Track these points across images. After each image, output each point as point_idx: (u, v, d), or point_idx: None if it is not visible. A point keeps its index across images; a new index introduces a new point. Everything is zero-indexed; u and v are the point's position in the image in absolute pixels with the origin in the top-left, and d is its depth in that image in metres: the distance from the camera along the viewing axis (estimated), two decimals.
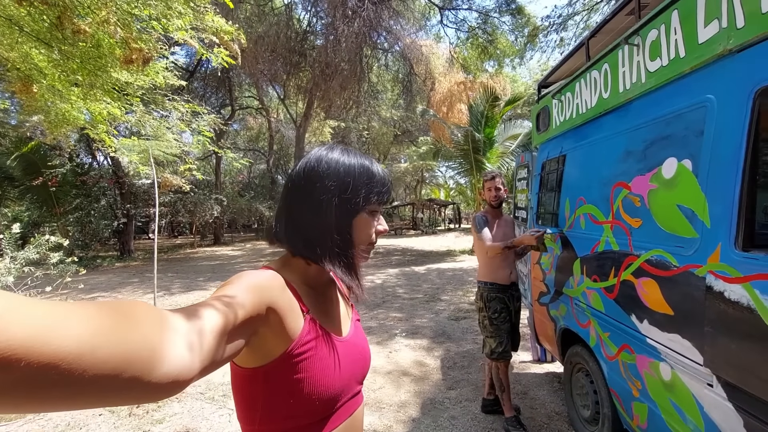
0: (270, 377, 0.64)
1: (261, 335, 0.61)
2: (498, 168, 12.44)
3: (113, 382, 0.34)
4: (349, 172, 0.73)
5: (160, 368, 0.38)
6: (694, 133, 1.53)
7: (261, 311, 0.59)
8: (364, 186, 0.74)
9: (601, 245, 2.18)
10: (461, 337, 4.68)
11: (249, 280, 0.61)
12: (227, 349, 0.51)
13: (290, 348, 0.65)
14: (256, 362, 0.64)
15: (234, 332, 0.52)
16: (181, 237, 26.23)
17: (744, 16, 1.29)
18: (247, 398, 0.68)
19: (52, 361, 0.30)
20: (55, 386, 0.31)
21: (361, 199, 0.73)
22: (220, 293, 0.56)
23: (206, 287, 8.52)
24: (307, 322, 0.69)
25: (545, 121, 3.19)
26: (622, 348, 1.99)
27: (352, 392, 0.76)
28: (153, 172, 5.58)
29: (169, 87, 5.15)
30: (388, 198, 0.78)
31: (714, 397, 1.37)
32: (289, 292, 0.68)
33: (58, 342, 0.31)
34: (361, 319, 0.93)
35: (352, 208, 0.73)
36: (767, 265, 1.16)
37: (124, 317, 0.38)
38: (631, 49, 1.96)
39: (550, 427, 2.69)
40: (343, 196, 0.72)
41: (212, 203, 16.89)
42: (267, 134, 23.48)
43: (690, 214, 1.51)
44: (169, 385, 0.40)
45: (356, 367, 0.78)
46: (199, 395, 3.34)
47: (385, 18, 12.28)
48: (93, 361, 0.33)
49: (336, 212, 0.72)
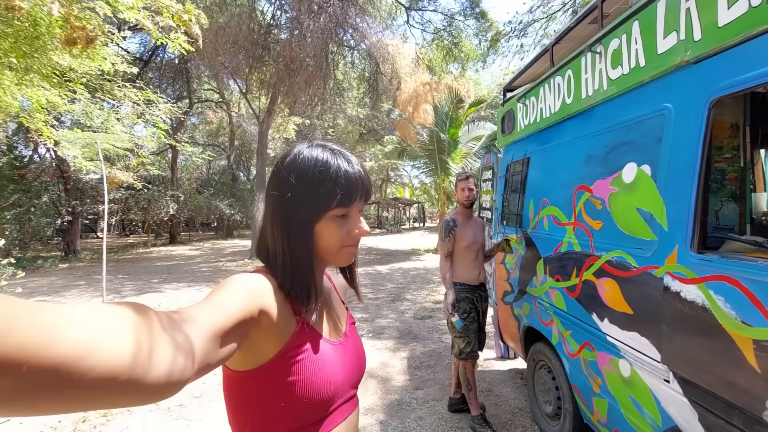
0: (262, 380, 0.64)
1: (253, 338, 0.60)
2: (462, 168, 12.71)
3: (111, 385, 0.35)
4: (300, 176, 0.67)
5: (156, 371, 0.39)
6: (653, 140, 1.60)
7: (253, 314, 0.58)
8: (319, 190, 0.67)
9: (564, 246, 2.24)
10: (427, 336, 4.72)
11: (241, 282, 0.61)
12: (221, 351, 0.51)
13: (282, 351, 0.64)
14: (247, 365, 0.64)
15: (227, 334, 0.52)
16: (134, 236, 24.78)
17: (701, 29, 1.35)
18: (238, 402, 0.67)
19: (52, 366, 0.30)
20: (54, 390, 0.31)
21: (315, 206, 0.68)
22: (212, 296, 0.56)
23: (161, 289, 8.06)
24: (300, 325, 0.68)
25: (510, 124, 3.26)
26: (584, 345, 2.06)
27: (345, 396, 0.74)
28: (102, 166, 5.19)
29: (119, 75, 4.79)
30: (354, 199, 0.70)
31: (670, 393, 1.44)
32: (281, 294, 0.66)
33: (57, 347, 0.31)
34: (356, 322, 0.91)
35: (309, 216, 0.68)
36: (721, 267, 1.23)
37: (122, 320, 0.38)
38: (593, 56, 2.03)
39: (513, 423, 2.75)
40: (294, 205, 0.67)
41: (168, 200, 16.04)
42: (228, 129, 22.60)
43: (649, 217, 1.58)
44: (164, 387, 0.40)
45: (350, 371, 0.76)
46: (153, 406, 3.13)
47: (351, 15, 12.14)
48: (92, 365, 0.33)
49: (287, 223, 0.68)
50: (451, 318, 2.61)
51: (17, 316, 0.30)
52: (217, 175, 23.44)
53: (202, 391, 3.35)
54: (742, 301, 1.14)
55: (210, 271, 10.58)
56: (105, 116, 5.91)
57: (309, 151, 0.70)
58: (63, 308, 0.34)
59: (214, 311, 0.52)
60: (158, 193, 15.88)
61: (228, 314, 0.53)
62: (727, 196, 2.07)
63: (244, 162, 28.05)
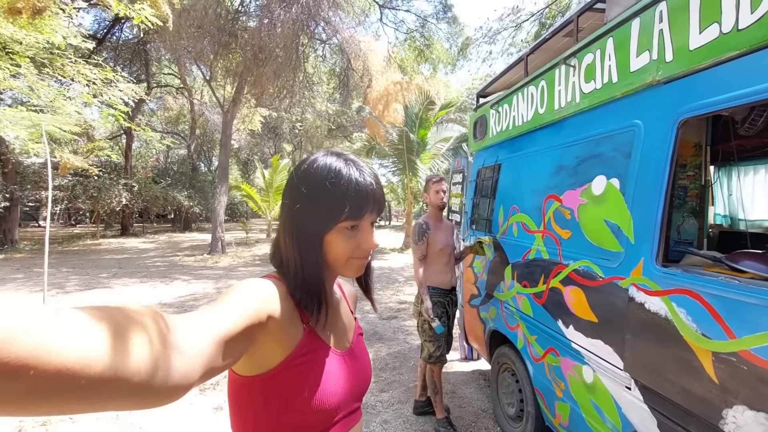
0: (265, 387, 0.64)
1: (260, 343, 0.60)
2: (430, 169, 12.85)
3: (117, 389, 0.35)
4: (312, 186, 0.67)
5: (163, 374, 0.39)
6: (622, 155, 1.65)
7: (262, 319, 0.58)
8: (333, 200, 0.67)
9: (532, 253, 2.29)
10: (392, 337, 4.71)
11: (251, 287, 0.61)
12: (227, 355, 0.51)
13: (287, 358, 0.64)
14: (253, 370, 0.64)
15: (234, 339, 0.52)
16: (81, 226, 23.12)
17: (673, 51, 1.41)
18: (241, 406, 0.67)
19: (59, 370, 0.31)
20: (61, 393, 0.32)
21: (325, 217, 0.67)
22: (222, 299, 0.56)
23: (110, 285, 7.55)
24: (306, 333, 0.68)
25: (482, 130, 3.30)
26: (548, 351, 2.11)
27: (349, 408, 0.73)
28: (46, 149, 4.76)
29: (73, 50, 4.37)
30: (364, 212, 0.69)
31: (631, 399, 1.49)
32: (290, 301, 0.66)
33: (65, 352, 0.32)
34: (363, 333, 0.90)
35: (319, 227, 0.68)
36: (684, 280, 1.28)
37: (129, 323, 0.38)
38: (567, 69, 2.08)
39: (477, 425, 2.79)
40: (305, 215, 0.68)
41: (120, 189, 15.08)
42: (189, 117, 21.57)
43: (616, 230, 1.63)
44: (170, 390, 0.40)
45: (355, 383, 0.75)
46: (99, 414, 2.91)
47: (324, 8, 11.92)
48: (99, 370, 0.33)
49: (298, 232, 0.68)
50: (432, 324, 2.60)
51: (24, 320, 0.30)
52: (175, 164, 22.32)
53: None
54: (703, 315, 1.20)
55: (165, 266, 10.05)
56: (53, 95, 5.39)
57: (324, 160, 0.70)
58: (71, 312, 0.35)
59: (222, 316, 0.52)
60: (110, 182, 14.89)
61: (236, 319, 0.53)
62: (687, 212, 2.20)
63: (205, 152, 26.92)
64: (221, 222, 12.58)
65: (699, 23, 1.30)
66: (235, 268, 10.00)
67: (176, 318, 0.46)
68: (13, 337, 0.29)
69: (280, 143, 27.20)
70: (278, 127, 22.49)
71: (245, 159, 29.15)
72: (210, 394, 3.26)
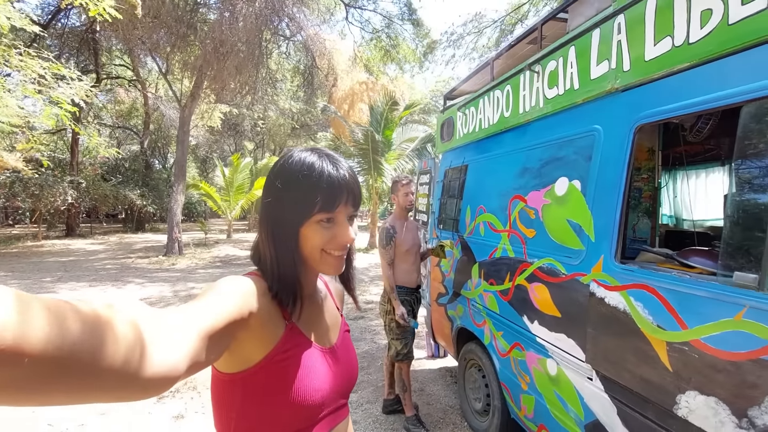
0: (248, 383, 0.64)
1: (241, 340, 0.60)
2: (395, 170, 12.94)
3: (107, 379, 0.36)
4: (286, 181, 0.68)
5: (151, 366, 0.40)
6: (583, 158, 1.74)
7: (243, 315, 0.58)
8: (305, 192, 0.67)
9: (499, 252, 2.36)
10: (359, 337, 4.70)
11: (232, 284, 0.61)
12: (210, 351, 0.51)
13: (269, 355, 0.64)
14: (235, 367, 0.64)
15: (217, 335, 0.52)
16: (20, 226, 21.25)
17: (630, 61, 1.50)
18: (223, 404, 0.67)
19: (54, 358, 0.31)
20: (54, 381, 0.32)
21: (299, 210, 0.68)
22: (203, 296, 0.56)
23: (54, 289, 6.99)
24: (287, 329, 0.68)
25: (449, 131, 3.37)
26: (514, 346, 2.19)
27: (334, 405, 0.73)
28: None
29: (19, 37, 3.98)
30: (338, 204, 0.68)
31: (593, 389, 1.58)
32: (270, 298, 0.66)
33: (59, 340, 0.32)
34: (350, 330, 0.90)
35: (294, 220, 0.68)
36: (640, 276, 1.37)
37: (118, 315, 0.38)
38: (532, 75, 2.16)
39: (445, 420, 2.84)
40: (280, 210, 0.68)
41: (65, 187, 13.98)
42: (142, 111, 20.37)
43: (578, 229, 1.72)
44: (158, 382, 0.41)
45: (340, 379, 0.75)
46: (47, 427, 2.69)
47: (288, 4, 11.67)
48: (90, 360, 0.34)
49: (273, 227, 0.69)
50: (408, 324, 2.62)
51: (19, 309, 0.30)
52: (127, 161, 20.98)
53: (107, 407, 2.95)
54: (658, 308, 1.29)
55: (116, 269, 9.44)
56: None
57: (299, 155, 0.70)
58: (63, 303, 0.35)
59: (206, 311, 0.52)
60: (53, 178, 13.77)
61: (219, 314, 0.53)
62: (642, 212, 2.35)
63: (160, 149, 25.56)
64: (178, 222, 11.99)
65: (654, 36, 1.39)
66: (194, 270, 9.55)
67: (161, 312, 0.46)
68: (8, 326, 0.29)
69: (242, 141, 26.36)
70: (239, 124, 21.76)
71: (204, 156, 27.98)
72: (169, 402, 3.09)
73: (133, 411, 2.96)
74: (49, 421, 2.78)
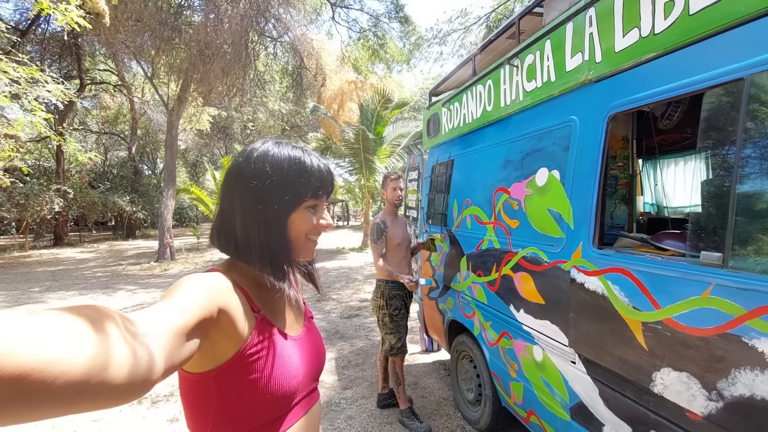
0: (222, 380, 0.64)
1: (211, 338, 0.59)
2: (386, 168, 12.97)
3: (83, 389, 0.35)
4: (276, 168, 0.70)
5: (127, 372, 0.39)
6: (561, 148, 1.79)
7: (212, 313, 0.58)
8: (296, 181, 0.70)
9: (485, 243, 2.41)
10: (354, 334, 4.73)
11: (198, 282, 0.60)
12: (183, 351, 0.50)
13: (242, 349, 0.64)
14: (206, 366, 0.63)
15: (189, 334, 0.52)
16: (5, 237, 20.92)
17: (601, 52, 1.55)
18: (197, 403, 0.66)
19: (23, 372, 0.30)
20: (25, 396, 0.31)
21: (292, 195, 0.70)
22: (169, 296, 0.55)
23: (44, 299, 6.92)
24: (259, 321, 0.68)
25: (435, 127, 3.40)
26: (502, 335, 2.23)
27: (307, 389, 0.76)
28: None
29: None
30: (325, 192, 0.75)
31: (576, 372, 1.62)
32: (238, 292, 0.66)
33: (27, 352, 0.31)
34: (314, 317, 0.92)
35: (285, 205, 0.70)
36: (616, 260, 1.42)
37: (89, 322, 0.38)
38: (511, 69, 2.20)
39: (439, 412, 2.88)
40: (271, 195, 0.69)
41: (52, 195, 13.80)
42: (129, 116, 20.15)
43: (558, 217, 1.76)
44: (135, 387, 0.40)
45: (311, 365, 0.77)
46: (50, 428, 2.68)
47: (274, 5, 11.63)
48: (63, 370, 0.33)
49: (263, 212, 0.69)
50: (420, 282, 2.67)
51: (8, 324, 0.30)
52: (115, 167, 20.77)
53: (100, 414, 2.95)
54: (633, 290, 1.33)
55: (107, 276, 9.36)
56: None
57: (276, 148, 0.72)
58: (30, 312, 0.34)
59: (175, 311, 0.51)
60: (39, 187, 13.58)
61: (188, 314, 0.52)
62: (618, 199, 2.41)
63: (148, 154, 25.33)
64: (169, 227, 11.91)
65: (622, 27, 1.44)
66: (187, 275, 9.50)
67: (131, 316, 0.45)
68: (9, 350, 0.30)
69: (231, 144, 26.19)
70: (228, 127, 21.66)
71: (194, 161, 27.76)
72: (163, 406, 3.10)
73: (127, 416, 2.95)
74: (43, 427, 2.77)
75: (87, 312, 0.39)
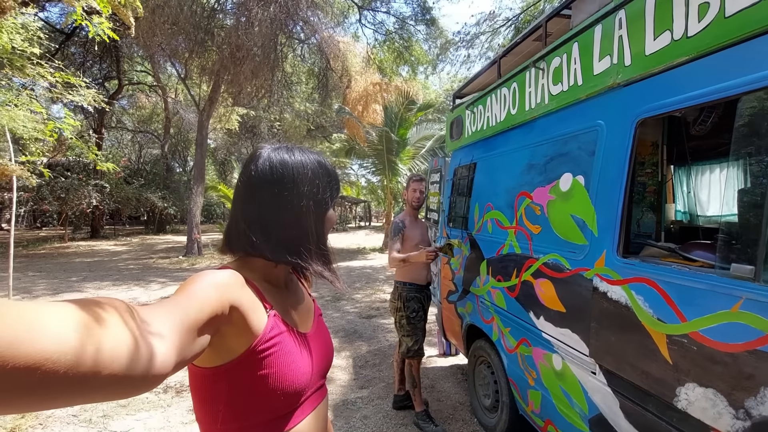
0: (233, 375, 0.65)
1: (223, 334, 0.60)
2: (410, 169, 12.96)
3: (94, 380, 0.35)
4: (315, 173, 0.76)
5: (139, 364, 0.40)
6: (587, 153, 1.75)
7: (224, 310, 0.59)
8: (327, 184, 0.78)
9: (506, 248, 2.37)
10: (372, 335, 4.75)
11: (209, 278, 0.61)
12: (195, 346, 0.52)
13: (254, 344, 0.65)
14: (218, 361, 0.64)
15: (200, 329, 0.53)
16: (47, 228, 22.15)
17: (631, 56, 1.50)
18: (208, 397, 0.67)
19: (36, 363, 0.31)
20: (40, 386, 0.32)
21: (328, 197, 0.79)
22: (182, 291, 0.56)
23: (81, 288, 7.29)
24: (271, 318, 0.69)
25: (459, 130, 3.38)
26: (521, 342, 2.20)
27: (315, 386, 0.78)
28: (10, 148, 4.57)
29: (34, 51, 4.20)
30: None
31: (596, 383, 1.58)
32: (250, 289, 0.68)
33: (41, 343, 0.32)
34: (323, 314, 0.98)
35: (324, 207, 0.78)
36: (641, 269, 1.37)
37: (102, 315, 0.39)
38: (537, 72, 2.17)
39: (455, 417, 2.86)
40: (315, 198, 0.76)
41: (90, 190, 14.51)
42: (162, 116, 20.97)
43: (581, 224, 1.72)
44: (146, 380, 0.41)
45: (320, 361, 0.79)
46: (71, 418, 2.83)
47: (302, 8, 11.85)
48: (75, 361, 0.34)
49: (313, 214, 0.75)
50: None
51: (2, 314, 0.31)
52: (148, 164, 21.65)
53: (128, 400, 3.09)
54: (658, 301, 1.29)
55: (139, 269, 9.76)
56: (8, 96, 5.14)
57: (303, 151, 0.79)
58: (45, 305, 0.35)
59: (187, 306, 0.52)
60: (79, 182, 14.31)
61: (200, 309, 0.54)
62: (646, 207, 2.33)
63: (180, 152, 26.23)
64: (197, 223, 12.30)
65: (653, 30, 1.39)
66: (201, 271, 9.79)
67: (145, 309, 0.47)
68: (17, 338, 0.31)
69: (259, 143, 26.76)
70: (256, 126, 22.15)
71: (222, 159, 28.57)
72: (186, 396, 3.21)
73: (154, 403, 3.08)
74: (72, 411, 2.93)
75: (100, 305, 0.40)
